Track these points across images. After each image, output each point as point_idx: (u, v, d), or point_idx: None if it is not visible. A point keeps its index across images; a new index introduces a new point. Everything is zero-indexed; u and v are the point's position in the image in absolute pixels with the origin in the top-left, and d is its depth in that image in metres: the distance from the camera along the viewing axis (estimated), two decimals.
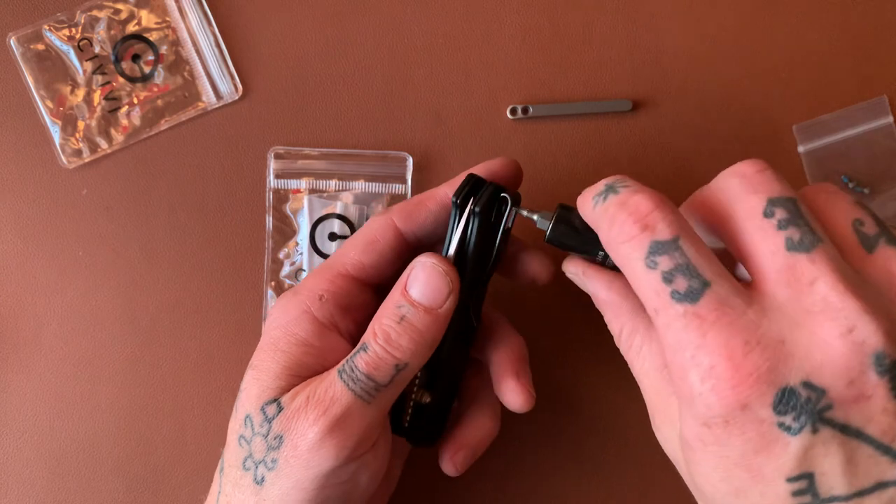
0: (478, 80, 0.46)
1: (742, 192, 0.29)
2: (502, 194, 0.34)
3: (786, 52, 0.46)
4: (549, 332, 0.45)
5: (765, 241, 0.27)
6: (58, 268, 0.45)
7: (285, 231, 0.45)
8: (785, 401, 0.25)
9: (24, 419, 0.45)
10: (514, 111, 0.45)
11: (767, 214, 0.28)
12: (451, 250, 0.34)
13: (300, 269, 0.45)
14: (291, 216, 0.45)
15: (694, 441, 0.28)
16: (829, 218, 0.29)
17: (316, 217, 0.45)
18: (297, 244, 0.45)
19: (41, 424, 0.45)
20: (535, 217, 0.34)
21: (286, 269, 0.45)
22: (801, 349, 0.26)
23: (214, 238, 0.45)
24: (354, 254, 0.36)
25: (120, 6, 0.45)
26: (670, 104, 0.46)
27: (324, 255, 0.45)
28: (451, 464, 0.37)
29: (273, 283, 0.45)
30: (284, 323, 0.35)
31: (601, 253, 0.34)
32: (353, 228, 0.45)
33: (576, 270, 0.35)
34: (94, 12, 0.45)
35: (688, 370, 0.27)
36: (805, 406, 0.25)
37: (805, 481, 0.26)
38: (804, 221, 0.27)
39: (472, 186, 0.34)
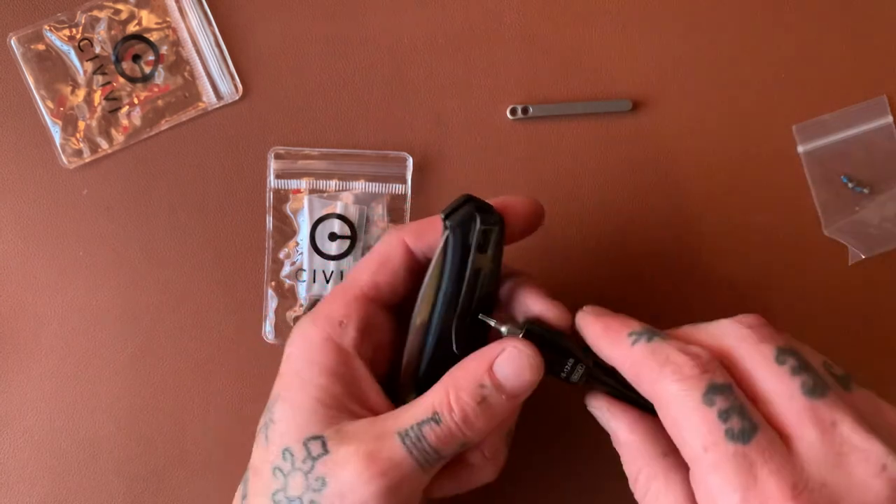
0: (478, 80, 0.46)
1: (753, 340, 0.30)
2: (476, 213, 0.33)
3: (786, 52, 0.46)
4: None
5: (781, 386, 0.29)
6: (58, 268, 0.45)
7: (285, 231, 0.45)
8: None
9: (24, 419, 0.45)
10: (514, 111, 0.45)
11: (779, 362, 0.29)
12: (429, 269, 0.33)
13: (300, 269, 0.45)
14: (292, 216, 0.45)
15: None
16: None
17: (316, 217, 0.45)
18: (297, 244, 0.45)
19: (41, 424, 0.45)
20: (502, 329, 0.34)
21: (286, 269, 0.45)
22: (843, 490, 0.27)
23: (214, 238, 0.45)
24: (368, 275, 0.35)
25: (120, 6, 0.45)
26: (670, 104, 0.46)
27: (324, 255, 0.45)
28: None
29: (273, 283, 0.45)
30: (307, 351, 0.34)
31: (566, 370, 0.33)
32: (353, 228, 0.45)
33: (599, 405, 0.34)
34: (95, 12, 0.45)
35: None
36: None
37: None
38: (812, 369, 0.29)
39: (463, 206, 0.33)
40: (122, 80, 0.45)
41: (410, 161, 0.45)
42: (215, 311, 0.45)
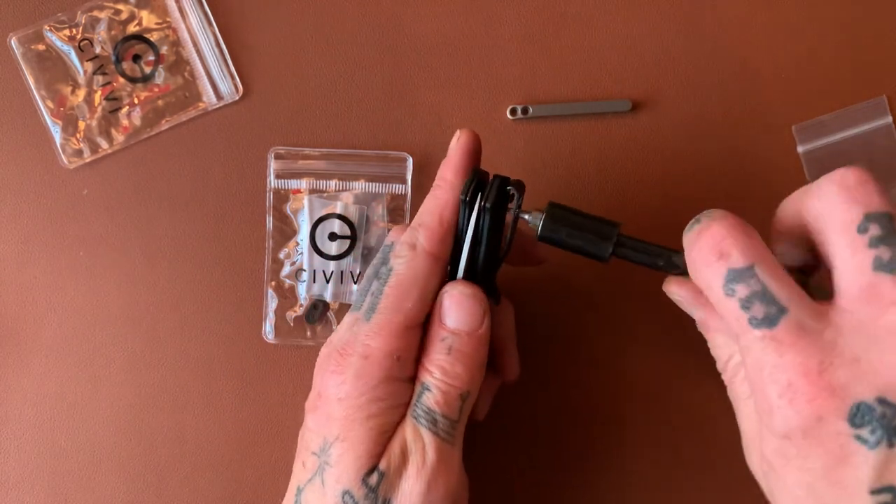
0: (478, 80, 0.46)
1: (839, 202, 0.29)
2: (508, 187, 0.35)
3: (786, 52, 0.46)
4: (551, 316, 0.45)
5: (853, 258, 0.28)
6: (58, 268, 0.45)
7: (286, 231, 0.45)
8: (860, 415, 0.26)
9: (24, 419, 0.45)
10: (514, 111, 0.45)
11: (861, 230, 0.28)
12: (466, 247, 0.35)
13: (300, 269, 0.45)
14: (292, 216, 0.45)
15: (775, 457, 0.29)
16: None
17: (316, 217, 0.45)
18: (297, 244, 0.45)
19: (41, 424, 0.45)
20: (526, 216, 0.36)
21: (286, 269, 0.45)
22: (875, 367, 0.27)
23: (215, 238, 0.45)
24: (413, 304, 0.34)
25: (121, 7, 0.46)
26: (670, 104, 0.46)
27: (324, 255, 0.45)
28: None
29: (273, 283, 0.45)
30: (369, 390, 0.34)
31: (594, 250, 0.35)
32: (353, 228, 0.45)
33: (684, 294, 0.35)
34: (95, 13, 0.45)
35: (766, 385, 0.28)
36: (881, 420, 0.26)
37: (889, 494, 0.26)
38: None
39: (479, 182, 0.35)
40: (122, 80, 0.45)
41: (410, 161, 0.45)
42: (215, 311, 0.45)
